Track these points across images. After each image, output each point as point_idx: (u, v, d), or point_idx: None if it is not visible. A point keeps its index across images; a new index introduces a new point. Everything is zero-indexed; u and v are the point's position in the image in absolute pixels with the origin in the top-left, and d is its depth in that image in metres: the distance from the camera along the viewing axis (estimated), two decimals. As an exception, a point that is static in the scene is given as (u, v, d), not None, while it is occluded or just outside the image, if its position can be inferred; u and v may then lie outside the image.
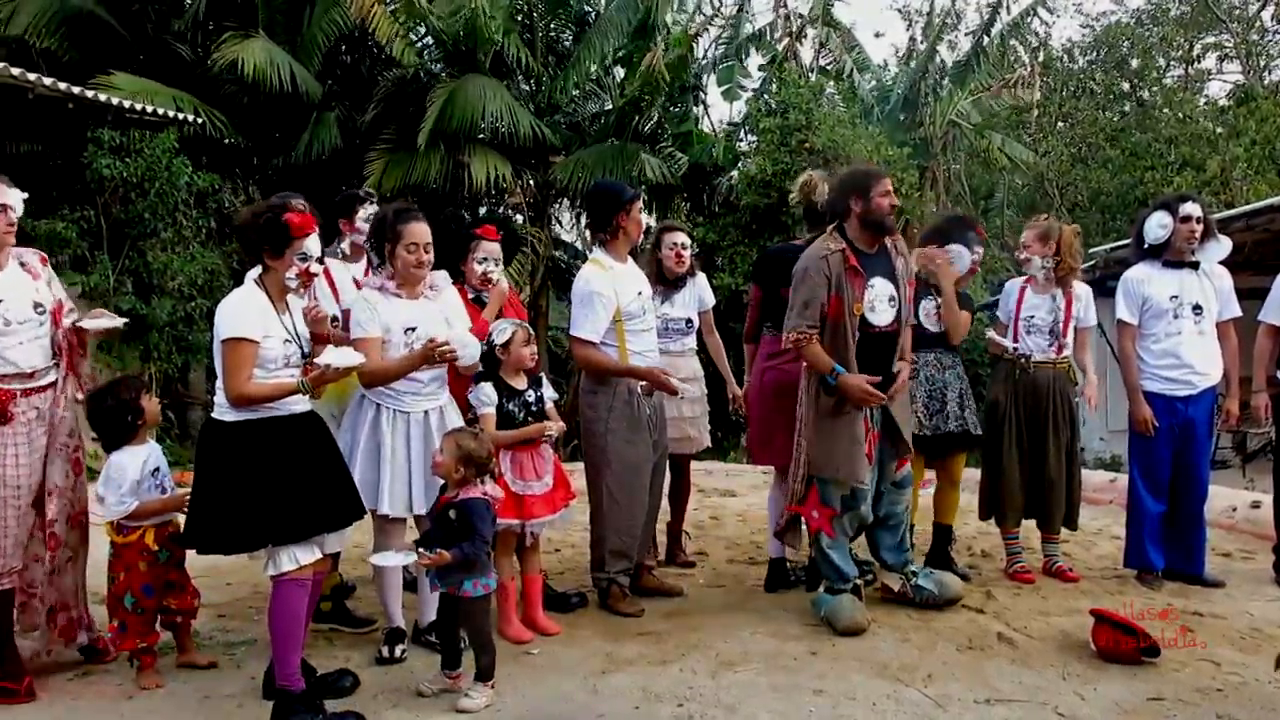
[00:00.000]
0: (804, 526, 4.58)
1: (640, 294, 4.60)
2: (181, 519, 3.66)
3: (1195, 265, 5.09)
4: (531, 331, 4.37)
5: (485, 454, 3.64)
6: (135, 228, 9.89)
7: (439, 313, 4.13)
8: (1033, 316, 5.18)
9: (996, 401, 5.19)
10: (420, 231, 4.02)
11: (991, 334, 5.36)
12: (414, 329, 4.01)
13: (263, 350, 3.41)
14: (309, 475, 3.45)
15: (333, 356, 3.46)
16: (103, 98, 9.64)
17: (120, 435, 3.82)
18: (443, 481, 3.72)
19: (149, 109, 9.98)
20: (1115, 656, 3.99)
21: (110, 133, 9.67)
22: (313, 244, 3.51)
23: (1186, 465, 5.07)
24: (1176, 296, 5.04)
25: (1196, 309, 5.04)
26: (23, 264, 3.81)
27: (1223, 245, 5.15)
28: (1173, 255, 5.09)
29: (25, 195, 3.79)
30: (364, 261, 4.62)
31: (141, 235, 9.92)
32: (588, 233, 4.61)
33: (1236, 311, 5.20)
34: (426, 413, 4.08)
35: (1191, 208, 5.05)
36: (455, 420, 4.15)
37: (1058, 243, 5.14)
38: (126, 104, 9.78)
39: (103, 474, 3.79)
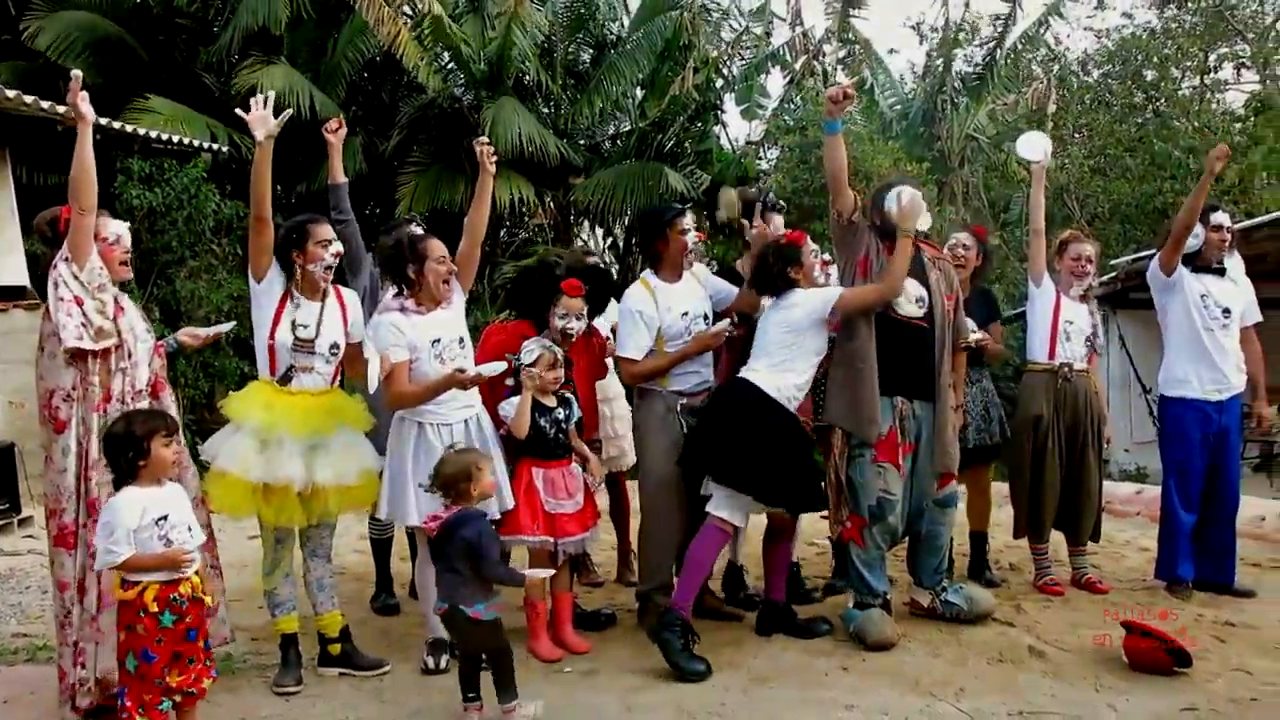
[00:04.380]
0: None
1: (687, 314, 4.58)
2: (197, 580, 3.38)
3: (1222, 271, 5.12)
4: (559, 356, 4.40)
5: (454, 470, 3.61)
6: (163, 256, 10.01)
7: (459, 321, 4.28)
8: (1071, 323, 5.15)
9: (1040, 416, 5.10)
10: (440, 244, 4.23)
11: (977, 335, 5.07)
12: (439, 339, 4.15)
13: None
14: None
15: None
16: (129, 129, 9.78)
17: (118, 471, 3.36)
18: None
19: (178, 139, 10.11)
20: (1148, 667, 3.99)
21: (140, 162, 9.81)
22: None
23: (1220, 474, 5.07)
24: (1206, 295, 5.06)
25: (1226, 312, 5.05)
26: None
27: (1236, 259, 5.29)
28: (1201, 262, 5.12)
29: (127, 224, 4.07)
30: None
31: (169, 263, 10.04)
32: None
33: (1258, 317, 5.25)
34: (466, 422, 4.21)
35: (1222, 217, 5.14)
36: (489, 426, 4.29)
37: None
38: (154, 134, 9.92)
39: (101, 515, 3.39)
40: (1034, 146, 5.36)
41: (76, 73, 3.69)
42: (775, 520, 4.60)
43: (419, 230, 4.60)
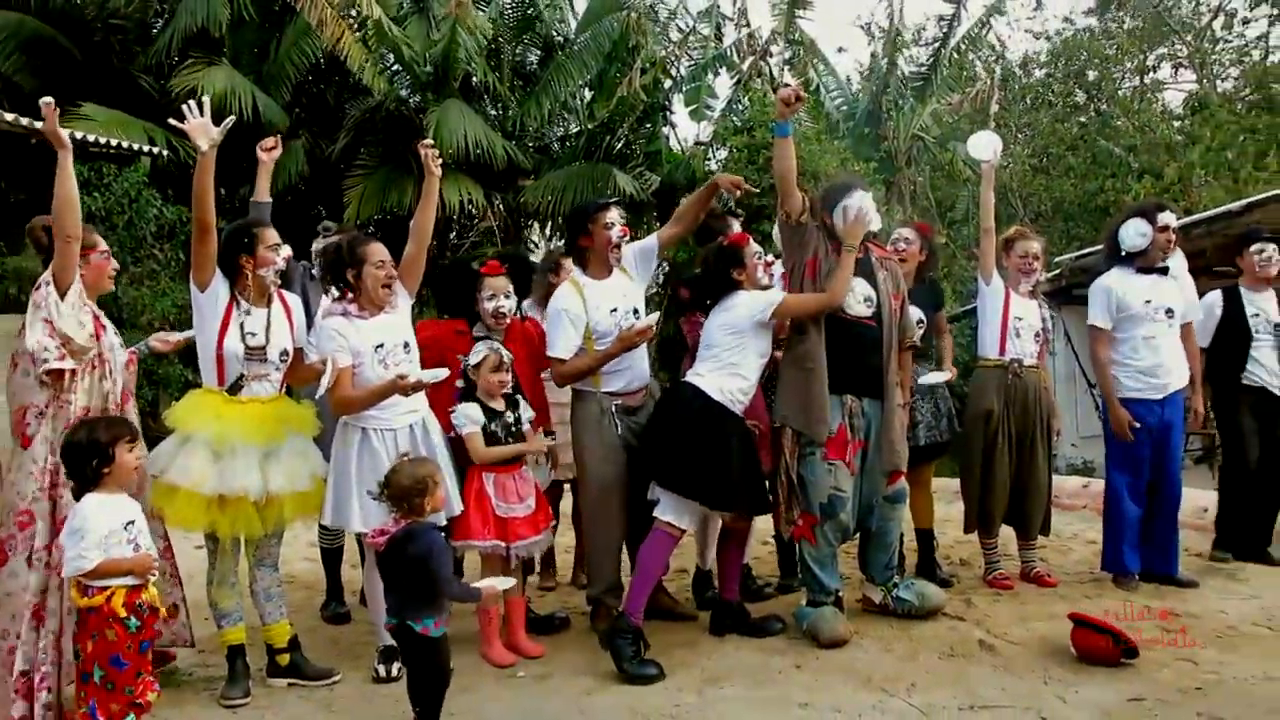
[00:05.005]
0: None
1: (615, 310, 4.53)
2: (155, 590, 3.37)
3: (1165, 270, 5.18)
4: (506, 358, 4.37)
5: (409, 483, 3.49)
6: (102, 261, 9.80)
7: (403, 326, 4.22)
8: (1021, 320, 5.19)
9: (990, 411, 5.14)
10: (382, 248, 4.15)
11: (928, 377, 5.18)
12: (382, 344, 4.10)
13: None
14: None
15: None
16: (68, 132, 9.56)
17: (81, 479, 3.34)
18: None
19: (116, 142, 9.91)
20: (1095, 659, 4.03)
21: (78, 166, 9.52)
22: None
23: (1163, 468, 5.14)
24: (1150, 300, 5.09)
25: (1169, 312, 5.11)
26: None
27: (1179, 258, 5.33)
28: (1146, 262, 5.15)
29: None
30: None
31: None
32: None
33: (1199, 315, 5.40)
34: (411, 426, 4.15)
35: (1169, 217, 5.19)
36: (435, 430, 4.23)
37: None
38: (93, 138, 9.71)
39: (68, 522, 3.35)
40: (984, 146, 5.39)
41: (47, 100, 3.61)
42: (729, 522, 4.60)
43: (329, 233, 4.63)
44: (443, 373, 4.07)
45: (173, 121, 3.89)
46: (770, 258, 4.92)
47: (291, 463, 3.97)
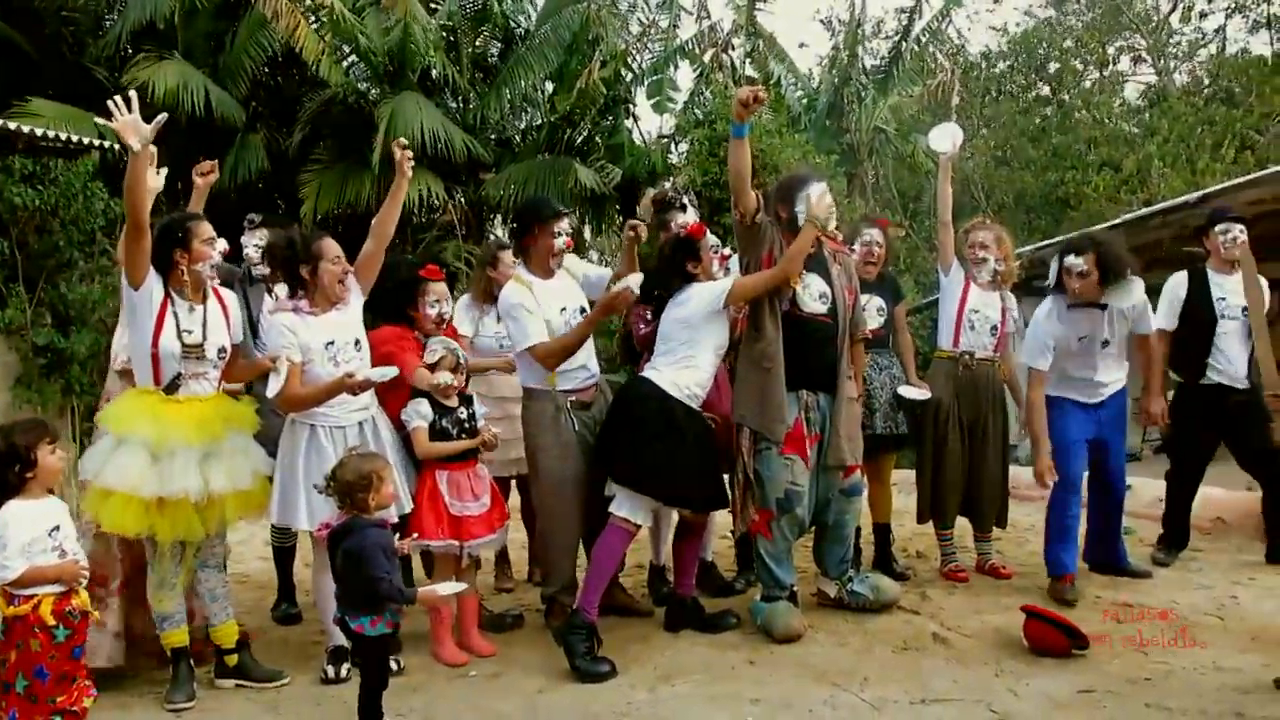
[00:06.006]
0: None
1: (565, 309, 4.47)
2: (86, 595, 3.32)
3: (1104, 306, 4.81)
4: (462, 359, 4.34)
5: (354, 477, 3.42)
6: (51, 258, 9.60)
7: (354, 323, 4.18)
8: (977, 312, 5.17)
9: (940, 401, 5.14)
10: (335, 244, 4.13)
11: (908, 390, 5.19)
12: (332, 342, 4.07)
13: None
14: None
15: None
16: (12, 126, 9.37)
17: (3, 486, 3.24)
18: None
19: (63, 136, 9.70)
20: (1047, 650, 4.05)
21: (22, 160, 9.34)
22: None
23: (1104, 466, 5.06)
24: (1085, 337, 4.86)
25: (1105, 343, 4.89)
26: None
27: (1134, 287, 4.72)
28: (1073, 299, 4.82)
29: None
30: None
31: (58, 266, 9.63)
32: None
33: (1151, 327, 5.09)
34: (361, 424, 4.12)
35: (1073, 261, 4.71)
36: (385, 427, 4.21)
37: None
38: (39, 131, 9.50)
39: None
40: (944, 138, 5.37)
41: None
42: (686, 517, 4.57)
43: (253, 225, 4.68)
44: (391, 371, 4.03)
45: (99, 121, 3.78)
46: (727, 251, 4.88)
47: (233, 461, 3.90)
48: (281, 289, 4.23)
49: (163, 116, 3.68)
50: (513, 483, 5.23)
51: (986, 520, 5.29)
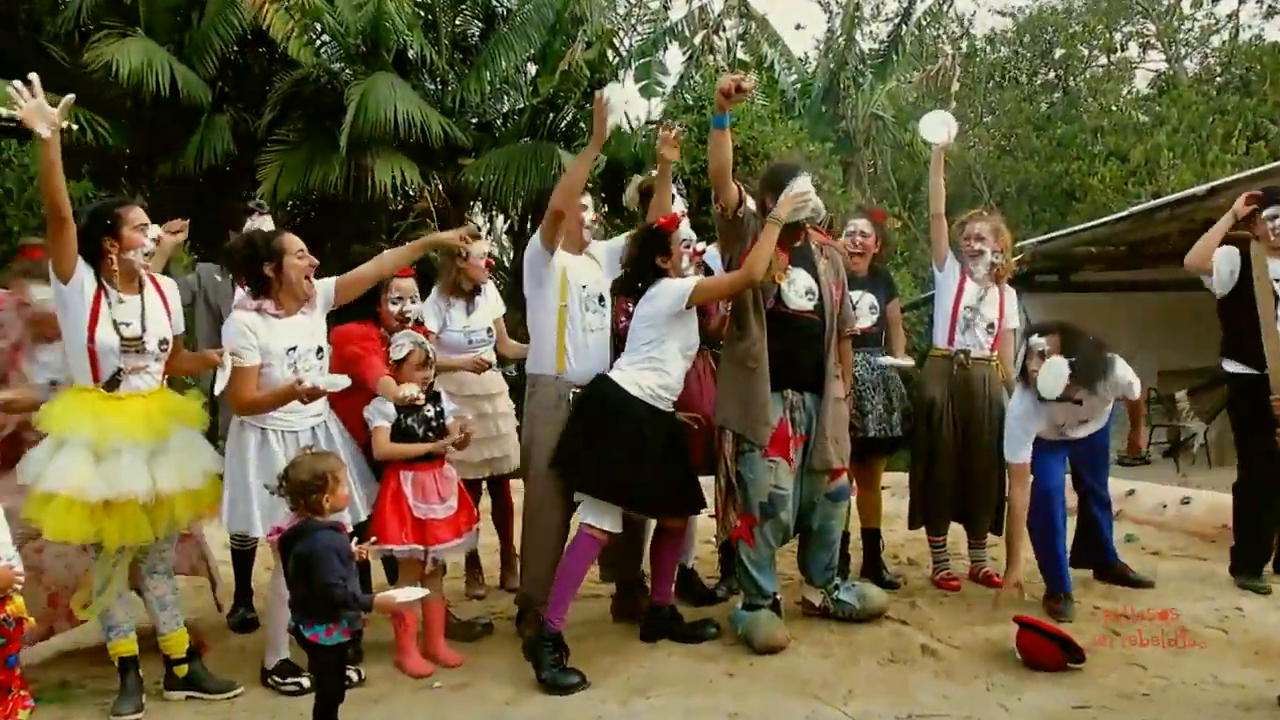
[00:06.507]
0: None
1: (585, 288, 4.35)
2: (21, 600, 3.23)
3: (1079, 401, 4.48)
4: (431, 354, 4.20)
5: (307, 477, 3.28)
6: (4, 243, 9.32)
7: (319, 329, 4.08)
8: (973, 309, 4.97)
9: (933, 401, 4.94)
10: (297, 239, 4.03)
11: (890, 359, 5.02)
12: (294, 348, 3.95)
13: None
14: None
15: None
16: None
17: None
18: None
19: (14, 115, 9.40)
20: (1041, 663, 3.91)
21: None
22: None
23: (1089, 476, 4.87)
24: (1061, 425, 4.64)
25: (1083, 422, 4.67)
26: None
27: (1055, 374, 4.26)
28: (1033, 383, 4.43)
29: None
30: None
31: (10, 253, 9.36)
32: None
33: (1136, 394, 4.64)
34: (314, 429, 4.02)
35: (1036, 341, 4.44)
36: (339, 432, 4.11)
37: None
38: (-6, 111, 9.22)
39: None
40: (937, 127, 5.16)
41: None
42: (663, 522, 4.38)
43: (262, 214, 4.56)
44: (343, 381, 3.92)
45: (2, 111, 3.56)
46: (700, 245, 4.66)
47: (181, 459, 3.75)
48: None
49: (70, 97, 3.47)
50: (483, 485, 5.04)
51: (980, 526, 5.11)
